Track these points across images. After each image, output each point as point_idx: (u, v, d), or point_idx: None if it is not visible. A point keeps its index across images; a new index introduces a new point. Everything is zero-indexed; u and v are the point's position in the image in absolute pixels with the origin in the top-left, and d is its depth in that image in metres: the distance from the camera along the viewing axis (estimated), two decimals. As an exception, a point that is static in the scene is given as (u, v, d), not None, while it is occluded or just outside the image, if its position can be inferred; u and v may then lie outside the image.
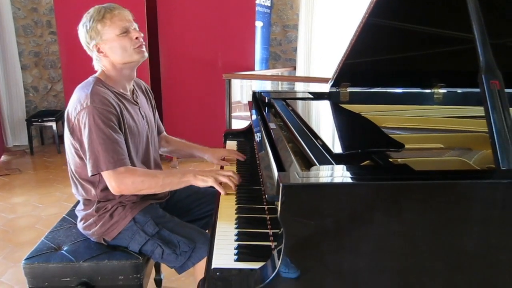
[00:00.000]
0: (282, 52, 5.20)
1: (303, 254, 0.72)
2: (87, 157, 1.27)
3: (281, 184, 0.68)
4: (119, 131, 1.30)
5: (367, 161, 1.05)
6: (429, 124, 1.65)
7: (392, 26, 1.61)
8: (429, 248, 0.77)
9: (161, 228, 1.37)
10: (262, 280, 0.74)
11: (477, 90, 2.25)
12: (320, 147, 1.10)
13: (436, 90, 1.98)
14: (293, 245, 0.71)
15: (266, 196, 0.88)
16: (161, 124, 1.71)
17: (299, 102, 1.85)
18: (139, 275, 1.34)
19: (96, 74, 1.40)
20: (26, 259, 1.35)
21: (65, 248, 1.41)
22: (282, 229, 0.73)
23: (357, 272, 0.75)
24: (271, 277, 0.72)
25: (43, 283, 1.33)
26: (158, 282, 1.99)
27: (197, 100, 3.96)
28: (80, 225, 1.46)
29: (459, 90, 1.99)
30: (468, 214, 0.79)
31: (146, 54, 1.40)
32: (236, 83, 4.59)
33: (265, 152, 1.15)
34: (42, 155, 4.36)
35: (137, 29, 1.39)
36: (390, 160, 1.02)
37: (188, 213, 1.61)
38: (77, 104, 1.29)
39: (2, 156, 4.18)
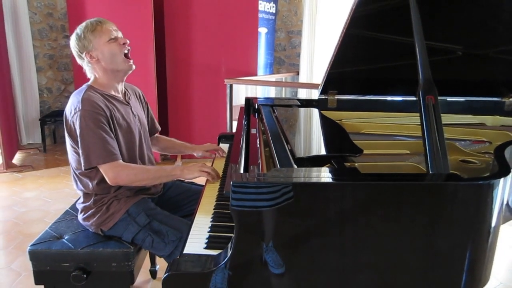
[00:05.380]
0: (286, 57, 5.35)
1: (250, 244, 0.87)
2: (81, 153, 1.45)
3: (231, 182, 0.83)
4: (109, 131, 1.48)
5: (328, 164, 1.19)
6: (403, 131, 1.77)
7: (371, 37, 1.73)
8: (360, 245, 0.90)
9: (151, 219, 1.53)
10: (216, 264, 0.89)
11: (459, 98, 2.34)
12: (288, 152, 1.24)
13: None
14: (242, 235, 0.86)
15: (224, 191, 1.03)
16: (156, 124, 1.89)
17: (300, 109, 1.99)
18: (129, 263, 1.50)
19: (89, 82, 1.58)
20: (32, 245, 1.52)
21: (66, 237, 1.57)
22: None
23: (296, 266, 0.89)
24: (222, 263, 0.87)
25: (45, 267, 1.50)
26: (153, 273, 2.15)
27: (201, 104, 4.12)
28: (80, 217, 1.63)
29: (444, 99, 2.09)
30: (400, 212, 0.92)
31: (134, 66, 1.58)
32: (241, 88, 4.74)
33: (240, 155, 1.29)
34: (54, 153, 4.58)
35: (123, 37, 1.57)
36: (345, 164, 1.16)
37: (179, 209, 1.77)
38: (71, 109, 1.48)
39: (17, 154, 4.41)
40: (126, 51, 1.56)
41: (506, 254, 2.50)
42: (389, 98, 2.11)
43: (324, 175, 0.95)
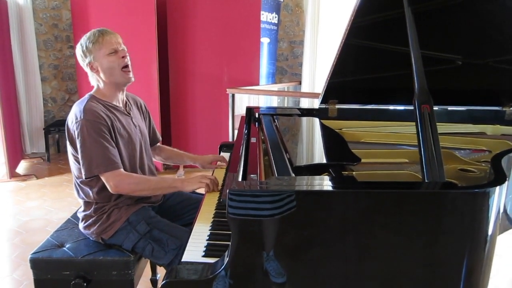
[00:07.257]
0: (289, 67, 5.38)
1: (247, 252, 0.88)
2: (82, 162, 1.47)
3: (228, 190, 0.84)
4: (110, 140, 1.50)
5: (325, 173, 1.20)
6: (403, 140, 1.78)
7: (370, 47, 1.75)
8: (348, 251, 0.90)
9: (152, 228, 1.54)
10: (212, 272, 0.90)
11: (460, 108, 2.34)
12: (286, 160, 1.25)
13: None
14: (238, 243, 0.87)
15: (221, 199, 1.04)
16: (157, 134, 1.91)
17: (301, 118, 2.00)
18: (130, 271, 1.50)
19: (92, 91, 1.61)
20: (33, 253, 1.53)
21: (67, 246, 1.58)
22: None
23: (295, 275, 0.90)
24: (218, 271, 0.88)
25: (46, 275, 1.50)
26: (154, 282, 2.15)
27: (204, 113, 4.15)
28: (81, 225, 1.64)
29: (445, 108, 2.10)
30: (395, 220, 0.92)
31: (133, 78, 1.59)
32: (244, 98, 4.77)
33: (239, 164, 1.31)
34: (57, 162, 4.61)
35: (125, 50, 1.59)
36: (343, 172, 1.17)
37: (179, 218, 1.77)
38: (73, 118, 1.50)
39: (21, 163, 4.44)
40: (124, 65, 1.56)
41: (510, 266, 2.48)
42: (389, 107, 2.12)
43: (320, 183, 0.96)
